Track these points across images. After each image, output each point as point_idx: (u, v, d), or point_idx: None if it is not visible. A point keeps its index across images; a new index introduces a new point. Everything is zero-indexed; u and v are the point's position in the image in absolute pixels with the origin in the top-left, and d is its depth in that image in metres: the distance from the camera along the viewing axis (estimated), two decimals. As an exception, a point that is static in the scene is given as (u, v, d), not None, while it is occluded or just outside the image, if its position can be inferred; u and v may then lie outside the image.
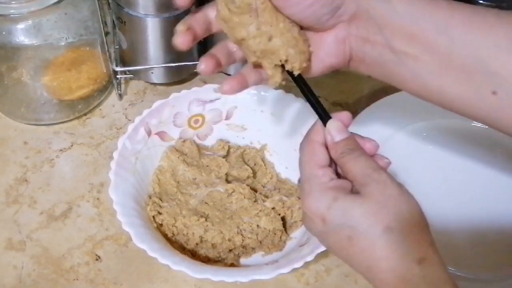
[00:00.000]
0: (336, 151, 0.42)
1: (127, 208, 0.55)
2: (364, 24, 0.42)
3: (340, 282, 0.59)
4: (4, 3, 0.60)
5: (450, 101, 0.42)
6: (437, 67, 0.41)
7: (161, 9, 0.66)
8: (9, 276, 0.58)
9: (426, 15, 0.41)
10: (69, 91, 0.68)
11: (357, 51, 0.43)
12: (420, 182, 0.63)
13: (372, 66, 0.44)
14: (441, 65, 0.41)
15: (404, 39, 0.41)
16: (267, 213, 0.59)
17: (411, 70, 0.42)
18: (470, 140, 0.68)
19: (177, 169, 0.63)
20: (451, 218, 0.62)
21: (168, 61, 0.71)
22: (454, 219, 0.62)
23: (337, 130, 0.42)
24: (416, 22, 0.41)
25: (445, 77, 0.41)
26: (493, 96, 0.40)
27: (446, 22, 0.40)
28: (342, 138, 0.42)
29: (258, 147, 0.67)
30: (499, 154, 0.68)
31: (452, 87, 0.41)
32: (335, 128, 0.42)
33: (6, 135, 0.69)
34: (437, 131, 0.69)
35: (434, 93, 0.42)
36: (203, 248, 0.58)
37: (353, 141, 0.42)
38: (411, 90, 0.43)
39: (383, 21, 0.41)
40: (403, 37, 0.41)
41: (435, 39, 0.40)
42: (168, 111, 0.63)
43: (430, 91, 0.42)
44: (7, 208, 0.63)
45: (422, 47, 0.41)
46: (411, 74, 0.42)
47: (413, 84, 0.43)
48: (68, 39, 0.65)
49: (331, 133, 0.42)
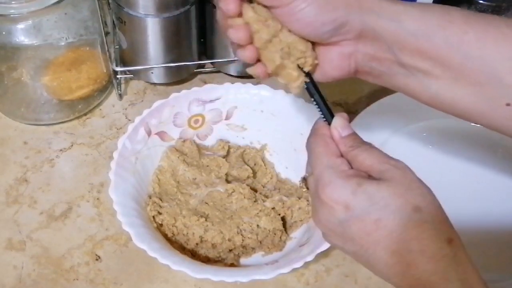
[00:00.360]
0: (345, 145, 0.42)
1: (127, 208, 0.55)
2: (371, 42, 0.42)
3: (340, 282, 0.59)
4: (4, 3, 0.60)
5: (462, 111, 0.42)
6: (450, 81, 0.41)
7: (161, 9, 0.66)
8: (9, 276, 0.58)
9: (439, 32, 0.40)
10: (69, 91, 0.68)
11: (364, 66, 0.44)
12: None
13: (380, 78, 0.44)
14: (454, 79, 0.41)
15: (414, 55, 0.41)
16: (267, 213, 0.59)
17: (422, 83, 0.42)
18: (470, 140, 0.68)
19: (177, 169, 0.63)
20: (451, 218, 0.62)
21: (168, 61, 0.71)
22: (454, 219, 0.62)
23: (343, 126, 0.43)
24: (428, 39, 0.40)
25: (458, 90, 0.41)
26: (506, 108, 0.40)
27: (459, 38, 0.40)
28: (348, 133, 0.42)
29: (258, 147, 0.67)
30: (499, 154, 0.68)
31: (464, 99, 0.41)
32: (341, 125, 0.43)
33: (6, 135, 0.69)
34: (437, 131, 0.69)
35: (446, 104, 0.42)
36: (203, 248, 0.58)
37: (358, 137, 0.43)
38: (422, 100, 0.44)
39: (392, 40, 0.41)
40: (414, 54, 0.41)
41: (447, 55, 0.40)
42: (168, 111, 0.63)
43: (442, 102, 0.42)
44: (7, 208, 0.63)
45: (434, 63, 0.41)
46: (422, 87, 0.42)
47: (424, 96, 0.43)
48: (68, 39, 0.65)
49: (337, 129, 0.43)
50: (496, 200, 0.64)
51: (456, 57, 0.40)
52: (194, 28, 0.70)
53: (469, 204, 0.64)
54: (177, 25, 0.68)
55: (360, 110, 0.68)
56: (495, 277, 0.58)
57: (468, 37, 0.40)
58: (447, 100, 0.42)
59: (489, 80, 0.40)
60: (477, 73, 0.40)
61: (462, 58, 0.40)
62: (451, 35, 0.40)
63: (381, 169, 0.40)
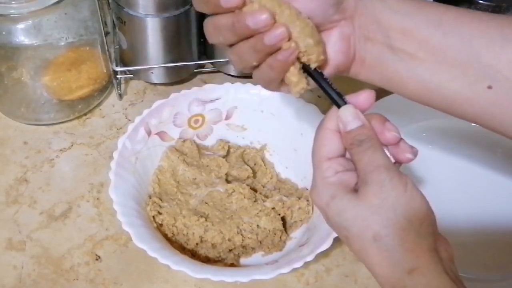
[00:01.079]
0: (346, 141, 0.41)
1: (127, 208, 0.55)
2: (364, 20, 0.42)
3: (340, 282, 0.59)
4: (4, 3, 0.60)
5: (449, 100, 0.42)
6: (433, 63, 0.41)
7: (161, 9, 0.66)
8: (9, 276, 0.58)
9: (419, 11, 0.41)
10: (69, 91, 0.68)
11: (360, 49, 0.43)
12: (419, 182, 0.63)
13: (371, 68, 0.44)
14: (436, 61, 0.41)
15: (400, 36, 0.41)
16: (267, 213, 0.59)
17: (409, 68, 0.42)
18: (470, 140, 0.68)
19: (177, 169, 0.63)
20: (450, 218, 0.62)
21: (168, 61, 0.71)
22: (454, 219, 0.62)
23: (351, 117, 0.41)
24: (410, 18, 0.41)
25: (441, 74, 0.41)
26: (489, 91, 0.40)
27: (439, 17, 0.41)
28: (354, 126, 0.40)
29: (258, 147, 0.67)
30: (498, 154, 0.68)
31: (449, 85, 0.41)
32: (348, 115, 0.41)
33: (6, 135, 0.69)
34: (437, 131, 0.69)
35: (433, 92, 0.42)
36: (203, 248, 0.58)
37: (365, 131, 0.40)
38: (411, 91, 0.43)
39: (380, 17, 0.42)
40: (399, 34, 0.41)
41: (428, 35, 0.41)
42: (168, 111, 0.63)
43: (429, 91, 0.42)
44: (7, 208, 0.63)
45: (417, 44, 0.41)
46: (409, 73, 0.42)
47: (411, 85, 0.42)
48: (68, 39, 0.65)
49: (342, 121, 0.41)
50: (496, 200, 0.64)
51: (436, 36, 0.40)
52: (194, 28, 0.70)
53: (469, 203, 0.64)
54: (177, 25, 0.68)
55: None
56: (495, 276, 0.58)
57: (447, 16, 0.40)
58: (432, 86, 0.42)
59: (469, 60, 0.40)
60: (457, 53, 0.40)
61: (442, 37, 0.40)
62: (430, 14, 0.41)
63: (363, 179, 0.39)
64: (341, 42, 0.43)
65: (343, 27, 0.43)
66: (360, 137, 0.40)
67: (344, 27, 0.43)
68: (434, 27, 0.40)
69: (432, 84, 0.42)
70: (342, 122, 0.41)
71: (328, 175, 0.40)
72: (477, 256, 0.60)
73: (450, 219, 0.62)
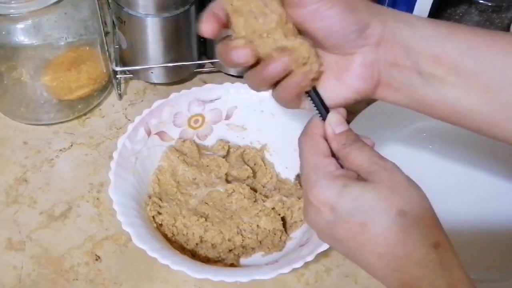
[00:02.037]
0: (338, 143, 0.42)
1: (127, 208, 0.55)
2: (391, 47, 0.42)
3: (340, 282, 0.59)
4: (3, 3, 0.60)
5: (480, 124, 0.42)
6: (464, 89, 0.41)
7: (161, 9, 0.66)
8: (8, 276, 0.58)
9: (449, 37, 0.41)
10: (69, 91, 0.68)
11: (385, 75, 0.43)
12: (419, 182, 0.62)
13: (399, 91, 0.43)
14: (468, 86, 0.41)
15: (430, 61, 0.41)
16: (267, 213, 0.59)
17: (439, 92, 0.42)
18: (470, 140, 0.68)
19: (177, 169, 0.62)
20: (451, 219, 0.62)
21: (168, 61, 0.71)
22: (454, 220, 0.62)
23: (338, 122, 0.42)
24: (440, 45, 0.41)
25: (472, 98, 0.41)
26: None
27: (468, 44, 0.40)
28: (342, 130, 0.42)
29: (258, 147, 0.67)
30: (499, 155, 0.68)
31: (480, 108, 0.41)
32: (336, 121, 0.42)
33: (5, 135, 0.69)
34: (437, 131, 0.69)
35: (463, 115, 0.42)
36: (203, 248, 0.58)
37: (353, 134, 0.42)
38: (441, 114, 0.43)
39: (409, 44, 0.41)
40: (429, 60, 0.41)
41: (459, 60, 0.40)
42: (168, 111, 0.63)
43: (459, 114, 0.42)
44: (6, 208, 0.63)
45: (448, 69, 0.41)
46: (439, 96, 0.42)
47: (441, 108, 0.42)
48: (68, 39, 0.65)
49: (331, 125, 0.42)
50: (496, 201, 0.64)
51: (467, 63, 0.40)
52: (194, 28, 0.70)
53: (469, 204, 0.64)
54: (177, 25, 0.68)
55: (360, 110, 0.68)
56: (496, 277, 0.58)
57: (477, 43, 0.40)
58: (463, 110, 0.42)
59: (501, 87, 0.40)
60: (488, 79, 0.40)
61: (473, 64, 0.40)
62: (460, 41, 0.41)
63: (369, 170, 0.40)
64: (363, 68, 0.43)
65: (366, 54, 0.42)
66: (351, 137, 0.42)
67: (367, 54, 0.42)
68: (465, 55, 0.40)
69: (463, 108, 0.42)
70: (331, 126, 0.42)
71: (333, 169, 0.40)
72: (477, 257, 0.60)
73: (450, 220, 0.61)
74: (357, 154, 0.40)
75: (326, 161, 0.41)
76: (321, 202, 0.40)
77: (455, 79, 0.41)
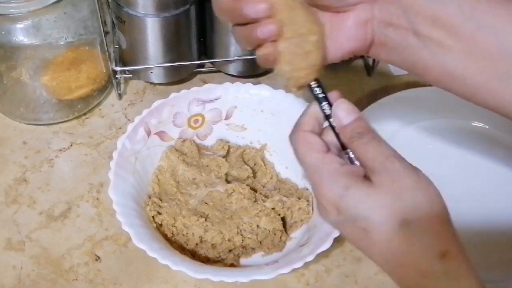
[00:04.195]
0: (345, 137, 0.40)
1: (127, 208, 0.55)
2: (387, 5, 0.40)
3: (340, 282, 0.59)
4: (3, 3, 0.60)
5: (474, 90, 0.41)
6: (461, 53, 0.39)
7: (160, 8, 0.65)
8: (8, 276, 0.58)
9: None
10: (69, 91, 0.68)
11: (379, 34, 0.42)
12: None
13: (394, 51, 0.42)
14: (466, 51, 0.39)
15: (428, 23, 0.40)
16: (267, 213, 0.59)
17: (435, 56, 0.40)
18: (471, 139, 0.68)
19: (177, 169, 0.62)
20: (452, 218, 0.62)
21: (167, 61, 0.70)
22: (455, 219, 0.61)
23: (345, 111, 0.40)
24: (442, 6, 0.39)
25: (469, 64, 0.40)
26: None
27: (472, 6, 0.39)
28: (350, 120, 0.40)
29: (258, 147, 0.67)
30: (500, 154, 0.67)
31: (476, 75, 0.40)
32: (343, 110, 0.40)
33: (5, 135, 0.69)
34: (438, 131, 0.69)
35: (457, 81, 0.41)
36: (203, 248, 0.58)
37: (361, 123, 0.40)
38: (434, 77, 0.42)
39: (408, 3, 0.40)
40: (428, 21, 0.40)
41: (460, 24, 0.39)
42: (167, 111, 0.63)
43: (453, 79, 0.41)
44: (6, 208, 0.63)
45: (447, 32, 0.39)
46: (435, 60, 0.40)
47: (436, 72, 0.41)
48: (68, 38, 0.65)
49: (338, 117, 0.40)
50: (497, 200, 0.64)
51: (468, 26, 0.39)
52: (194, 28, 0.70)
53: (470, 204, 0.64)
54: (176, 25, 0.68)
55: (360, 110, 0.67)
56: (498, 276, 0.58)
57: (481, 5, 0.39)
58: (458, 75, 0.40)
59: (501, 54, 0.38)
60: (489, 45, 0.39)
61: (474, 28, 0.39)
62: (465, 3, 0.39)
63: (373, 169, 0.38)
64: (355, 27, 0.41)
65: (359, 11, 0.41)
66: (358, 129, 0.39)
67: (361, 12, 0.41)
68: (467, 18, 0.39)
69: (458, 73, 0.40)
70: (338, 118, 0.40)
71: (336, 166, 0.39)
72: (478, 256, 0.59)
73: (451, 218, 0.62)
74: (364, 150, 0.38)
75: (327, 158, 0.39)
76: (326, 201, 0.39)
77: (453, 43, 0.39)
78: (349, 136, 0.39)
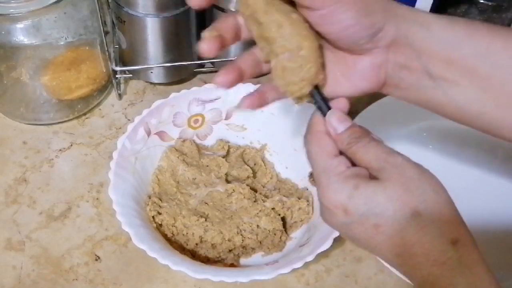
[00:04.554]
0: (342, 143, 0.40)
1: (127, 208, 0.55)
2: (402, 50, 0.41)
3: (340, 282, 0.59)
4: (3, 3, 0.60)
5: (489, 126, 0.41)
6: (477, 92, 0.40)
7: (160, 8, 0.65)
8: (8, 276, 0.58)
9: (467, 40, 0.40)
10: (69, 91, 0.68)
11: (393, 76, 0.42)
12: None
13: (407, 91, 0.43)
14: (481, 90, 0.40)
15: (442, 64, 0.40)
16: (267, 213, 0.59)
17: (449, 95, 0.41)
18: (471, 140, 0.68)
19: (177, 169, 0.62)
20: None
21: (167, 61, 0.70)
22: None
23: (338, 120, 0.41)
24: (456, 48, 0.40)
25: (485, 102, 0.40)
26: None
27: (487, 47, 0.39)
28: (345, 128, 0.40)
29: (258, 147, 0.67)
30: (499, 155, 0.68)
31: (491, 112, 0.40)
32: (336, 119, 0.41)
33: (5, 135, 0.69)
34: (437, 131, 0.69)
35: (473, 117, 0.41)
36: (203, 248, 0.58)
37: (357, 130, 0.40)
38: (449, 115, 0.43)
39: (422, 47, 0.40)
40: (442, 63, 0.40)
41: (475, 65, 0.40)
42: (167, 111, 0.63)
43: (469, 116, 0.41)
44: (6, 208, 0.63)
45: (461, 72, 0.40)
46: (449, 99, 0.41)
47: (450, 109, 0.42)
48: (68, 38, 0.65)
49: (332, 125, 0.41)
50: (496, 201, 0.64)
51: (484, 66, 0.39)
52: (194, 28, 0.70)
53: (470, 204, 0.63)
54: (176, 25, 0.68)
55: (360, 110, 0.68)
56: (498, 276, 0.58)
57: (496, 46, 0.39)
58: (474, 113, 0.41)
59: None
60: (505, 84, 0.39)
61: (489, 68, 0.39)
62: (478, 44, 0.40)
63: (378, 168, 0.38)
64: (370, 70, 0.42)
65: (375, 56, 0.41)
66: (354, 135, 0.40)
67: (376, 56, 0.41)
68: (482, 58, 0.39)
69: (473, 110, 0.41)
70: (332, 126, 0.41)
71: (343, 170, 0.39)
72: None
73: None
74: (363, 152, 0.39)
75: (335, 161, 0.40)
76: (334, 205, 0.39)
77: (468, 82, 0.40)
78: (347, 142, 0.40)
